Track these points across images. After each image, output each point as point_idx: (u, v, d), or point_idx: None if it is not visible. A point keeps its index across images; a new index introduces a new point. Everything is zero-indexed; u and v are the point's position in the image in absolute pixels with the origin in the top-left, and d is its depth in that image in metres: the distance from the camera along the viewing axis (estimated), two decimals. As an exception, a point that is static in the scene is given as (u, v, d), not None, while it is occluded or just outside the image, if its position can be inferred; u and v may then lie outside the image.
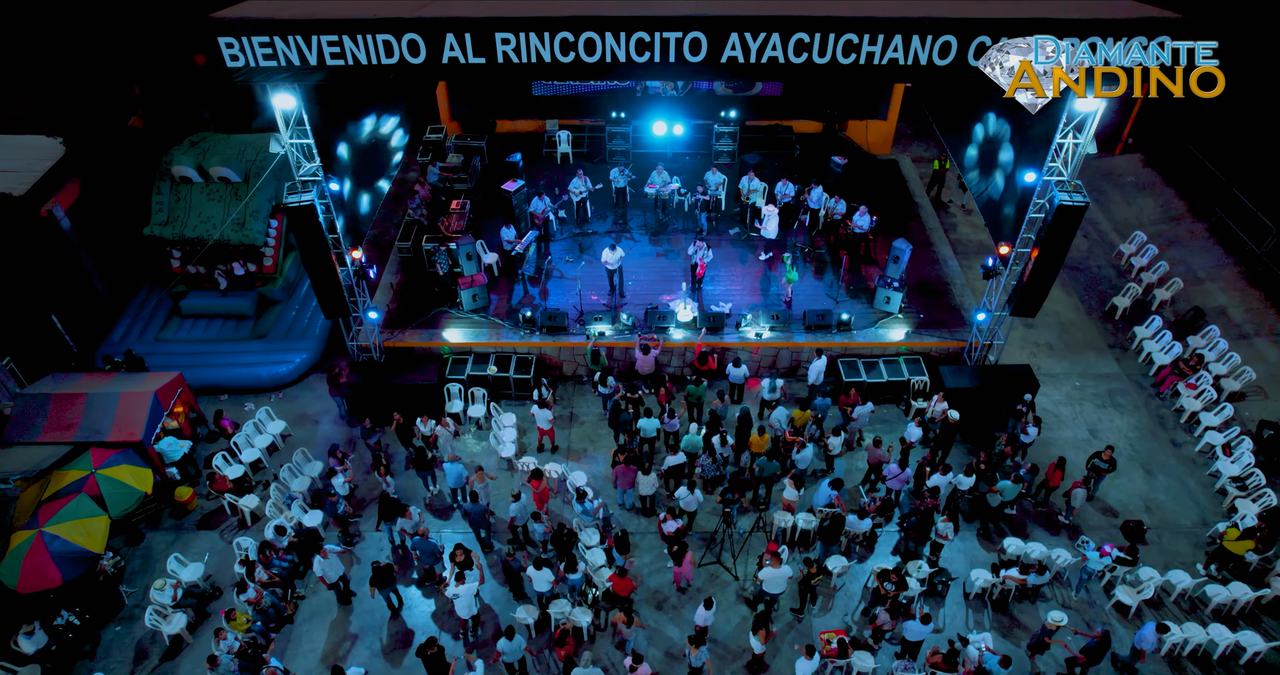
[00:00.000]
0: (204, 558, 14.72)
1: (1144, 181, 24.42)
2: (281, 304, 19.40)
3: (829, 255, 20.15)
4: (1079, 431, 17.32)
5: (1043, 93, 11.53)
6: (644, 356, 17.16)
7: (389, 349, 17.78)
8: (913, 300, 18.86)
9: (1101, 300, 20.62)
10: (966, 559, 15.03)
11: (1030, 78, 11.34)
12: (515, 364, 17.67)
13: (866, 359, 17.94)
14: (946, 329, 18.27)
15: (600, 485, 15.99)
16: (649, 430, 15.95)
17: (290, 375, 18.12)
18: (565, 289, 19.05)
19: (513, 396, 17.85)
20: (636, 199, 21.44)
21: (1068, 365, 18.86)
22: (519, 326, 18.04)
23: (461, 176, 21.34)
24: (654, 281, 19.21)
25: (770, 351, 18.05)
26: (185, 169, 18.35)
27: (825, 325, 17.97)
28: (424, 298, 18.78)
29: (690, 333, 17.94)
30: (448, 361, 17.68)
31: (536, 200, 19.46)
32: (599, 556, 14.36)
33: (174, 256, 18.90)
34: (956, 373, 17.17)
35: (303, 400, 18.05)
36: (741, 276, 19.55)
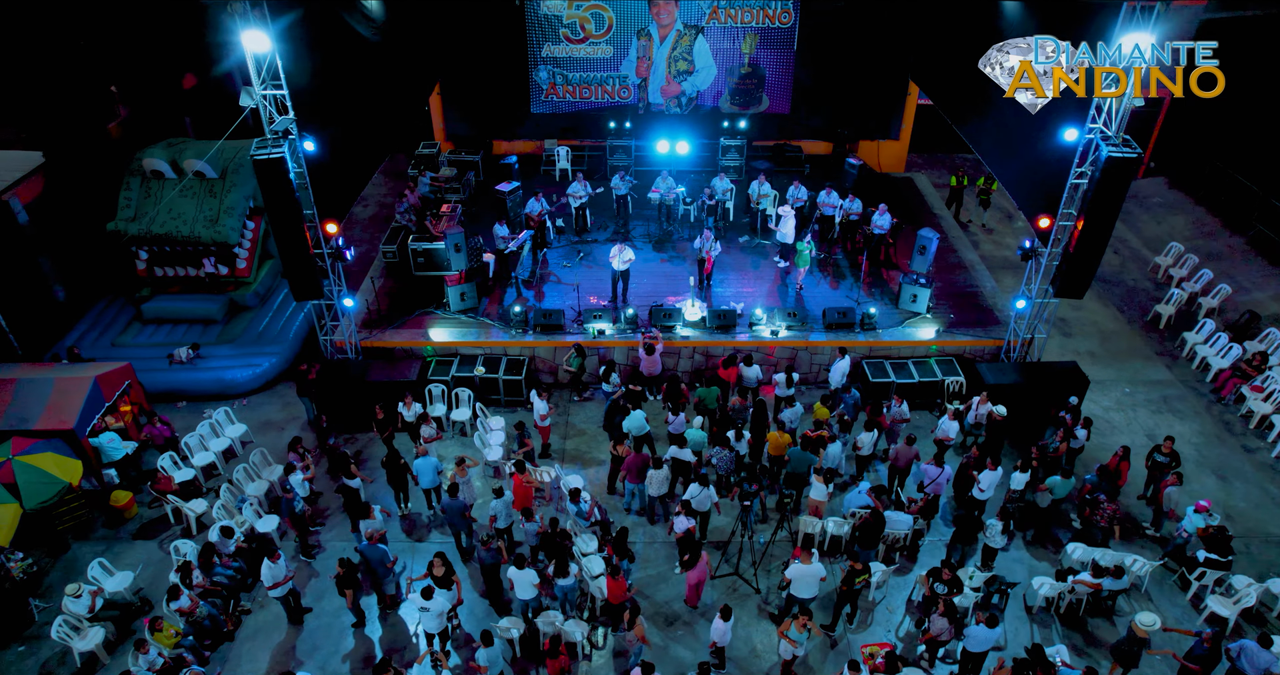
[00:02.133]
0: (137, 569, 12.62)
1: (1171, 202, 23.31)
2: (254, 310, 17.85)
3: (846, 261, 18.72)
4: (1136, 437, 15.42)
5: (1043, 93, 11.54)
6: (648, 356, 15.46)
7: (367, 349, 16.11)
8: (941, 301, 17.30)
9: (1142, 310, 19.10)
10: (1024, 569, 12.90)
11: (1030, 77, 11.29)
12: (505, 366, 15.96)
13: (895, 360, 16.23)
14: (980, 328, 16.65)
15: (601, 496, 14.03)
16: (637, 426, 14.01)
17: (256, 380, 16.38)
18: (562, 292, 17.54)
19: (501, 403, 16.05)
20: (639, 209, 20.22)
21: (1114, 372, 17.12)
22: (510, 326, 16.42)
23: (454, 186, 20.21)
24: (658, 286, 17.70)
25: (787, 353, 16.35)
26: (158, 163, 17.19)
27: (847, 323, 16.35)
28: (408, 302, 17.24)
29: (700, 332, 16.31)
30: (431, 364, 15.98)
31: (533, 201, 18.19)
32: (597, 564, 12.26)
33: (140, 258, 17.49)
34: (997, 370, 15.44)
35: (269, 407, 16.23)
36: (754, 281, 18.06)
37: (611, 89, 22.17)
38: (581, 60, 21.70)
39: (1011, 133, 15.41)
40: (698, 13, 21.00)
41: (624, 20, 21.06)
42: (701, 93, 22.28)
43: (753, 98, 22.37)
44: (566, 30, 21.20)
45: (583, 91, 22.19)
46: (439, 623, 11.05)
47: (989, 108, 16.26)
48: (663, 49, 21.52)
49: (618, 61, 21.71)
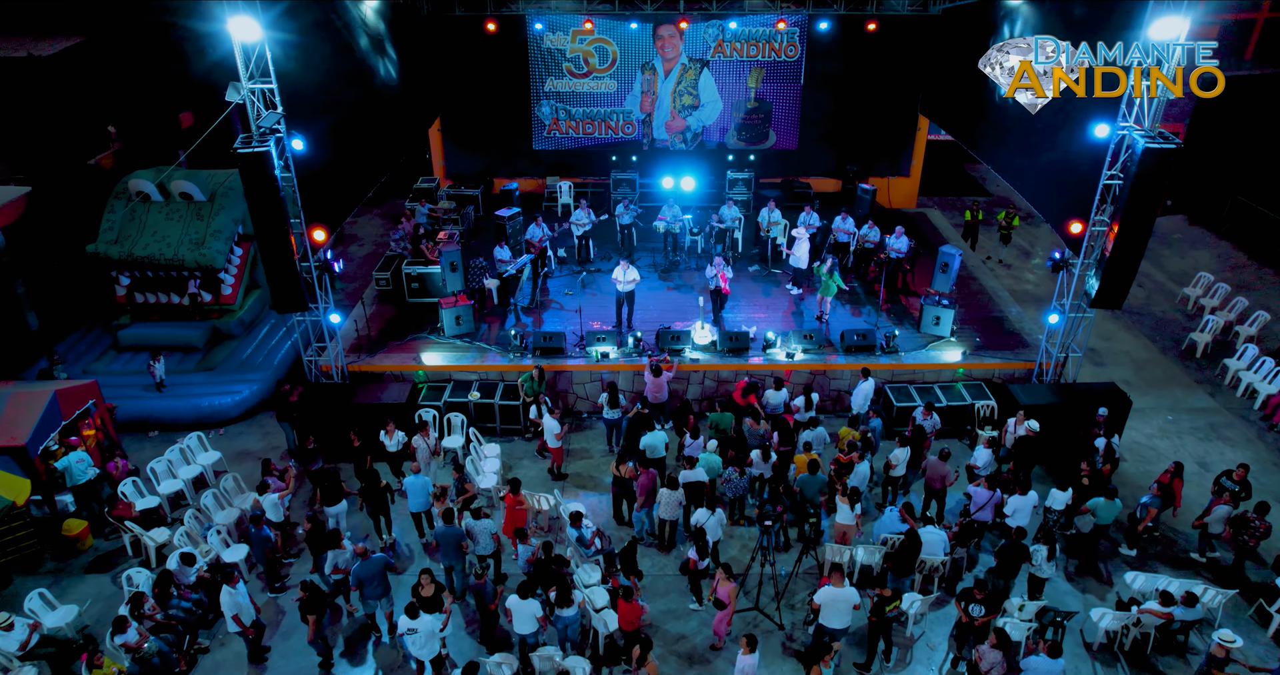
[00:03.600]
0: (84, 604, 11.26)
1: (1193, 238, 22.63)
2: (238, 339, 16.88)
3: (862, 289, 17.84)
4: (1185, 464, 14.15)
5: (1043, 93, 11.38)
6: (655, 379, 14.39)
7: (354, 373, 15.06)
8: (965, 325, 16.34)
9: (1174, 340, 18.10)
10: (1076, 602, 11.52)
11: (1030, 77, 11.12)
12: (502, 391, 14.88)
13: (920, 384, 15.15)
14: (1009, 351, 15.63)
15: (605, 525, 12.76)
16: (656, 446, 12.89)
17: (235, 408, 15.27)
18: (564, 318, 16.61)
19: (498, 431, 14.91)
20: (644, 240, 19.49)
21: (1153, 400, 16.00)
22: (508, 350, 15.42)
23: (453, 217, 19.55)
24: (665, 312, 16.77)
25: (803, 378, 15.28)
26: (144, 184, 16.55)
27: (868, 346, 15.34)
28: (401, 327, 16.30)
29: (710, 356, 15.29)
30: (422, 389, 14.92)
31: (534, 227, 17.45)
32: (600, 596, 10.91)
33: (120, 283, 16.65)
34: (1031, 390, 14.34)
35: (247, 437, 15.08)
36: (766, 307, 17.15)
37: (615, 124, 21.79)
38: (585, 95, 21.39)
39: (1034, 142, 14.77)
40: (703, 46, 20.78)
41: (628, 54, 20.82)
42: (707, 128, 21.88)
43: (759, 133, 21.96)
44: (569, 64, 20.95)
45: (586, 127, 21.80)
46: (431, 646, 9.67)
47: (1007, 123, 15.73)
48: (667, 83, 21.23)
49: (621, 96, 21.39)
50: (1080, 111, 13.06)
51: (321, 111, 13.64)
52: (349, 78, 14.69)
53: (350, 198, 15.03)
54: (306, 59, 13.06)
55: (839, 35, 20.37)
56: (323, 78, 13.72)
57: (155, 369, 15.04)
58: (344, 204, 14.73)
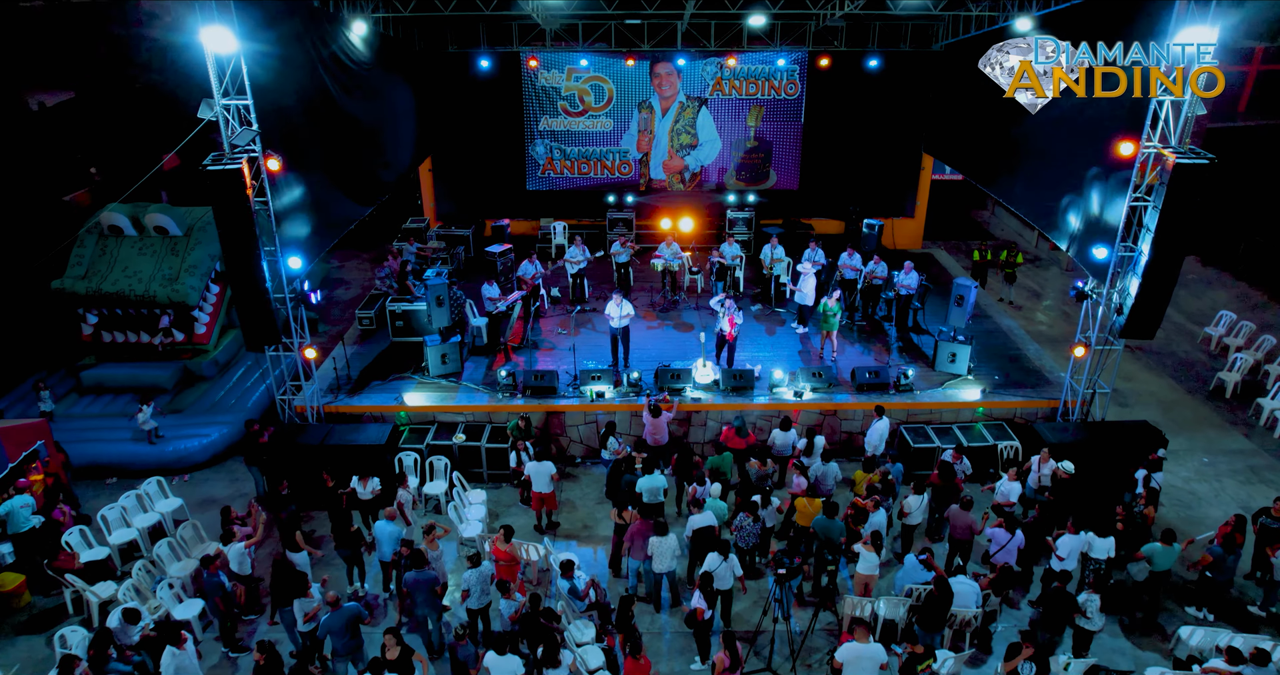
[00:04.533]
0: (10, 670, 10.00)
1: (1208, 278, 21.93)
2: (211, 381, 15.90)
3: (869, 326, 16.98)
4: (1228, 509, 13.09)
5: (1043, 93, 11.31)
6: (654, 420, 13.36)
7: (331, 414, 14.04)
8: (982, 363, 15.43)
9: (1200, 380, 17.18)
10: (1128, 660, 10.33)
11: (1030, 77, 11.06)
12: (489, 434, 13.85)
13: (938, 425, 14.16)
14: (1030, 388, 14.68)
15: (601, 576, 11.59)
16: (653, 492, 11.81)
17: (202, 453, 14.18)
18: (556, 357, 15.67)
19: (484, 477, 13.82)
20: (641, 280, 18.70)
21: (1185, 442, 14.97)
22: (498, 389, 14.43)
23: (442, 256, 18.79)
24: (664, 351, 15.84)
25: (813, 419, 14.28)
26: (117, 218, 15.79)
27: (880, 384, 14.39)
28: (383, 367, 15.34)
29: (713, 395, 14.32)
30: (403, 431, 13.88)
31: (526, 264, 16.69)
32: (594, 656, 9.71)
33: (87, 321, 15.73)
34: (1057, 430, 13.36)
35: (214, 483, 13.96)
36: (771, 345, 16.24)
37: (611, 164, 21.25)
38: (580, 134, 20.89)
39: (1051, 169, 14.13)
40: (701, 84, 20.38)
41: (624, 92, 20.40)
42: (706, 168, 21.34)
43: (759, 173, 21.41)
44: (565, 102, 20.50)
45: (581, 167, 21.25)
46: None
47: (1021, 154, 15.16)
48: (665, 122, 20.76)
49: (618, 135, 20.90)
50: (1102, 133, 12.41)
51: (302, 134, 12.96)
52: (333, 103, 14.05)
53: (331, 228, 14.23)
54: (287, 78, 12.42)
55: (841, 72, 19.99)
56: (304, 99, 13.07)
57: (142, 415, 13.93)
58: (324, 233, 13.91)
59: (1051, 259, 23.57)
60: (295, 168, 12.51)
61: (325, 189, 13.80)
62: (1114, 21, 11.95)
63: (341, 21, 14.59)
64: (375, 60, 16.17)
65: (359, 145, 15.26)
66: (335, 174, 14.22)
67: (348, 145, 14.73)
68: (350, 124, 14.78)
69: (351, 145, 14.90)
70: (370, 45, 15.94)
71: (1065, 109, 13.32)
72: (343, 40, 14.63)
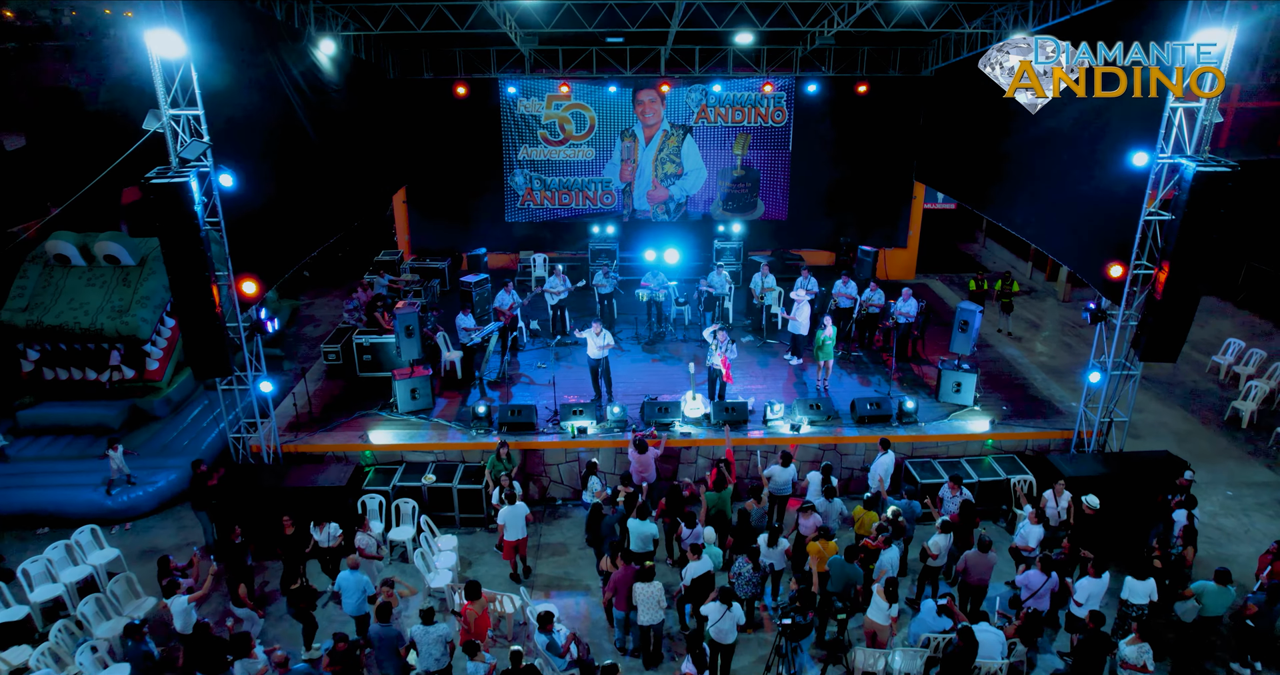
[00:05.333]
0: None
1: (1210, 307, 21.29)
2: (163, 421, 14.74)
3: (866, 357, 16.12)
4: (1259, 545, 12.11)
5: (1043, 93, 10.91)
6: (640, 456, 12.31)
7: (290, 454, 12.91)
8: (988, 392, 14.55)
9: (1214, 410, 16.37)
10: (1178, 719, 9.25)
11: (1030, 77, 10.75)
12: (461, 474, 12.75)
13: (945, 459, 13.20)
14: (1041, 418, 13.79)
15: (587, 631, 10.45)
16: (643, 539, 10.72)
17: (149, 501, 12.96)
18: (535, 393, 14.65)
19: (456, 521, 12.68)
20: (626, 312, 17.80)
21: (1205, 475, 14.06)
22: (470, 426, 13.37)
23: (416, 288, 17.84)
24: (650, 384, 14.85)
25: (810, 455, 13.30)
26: (64, 246, 14.78)
27: (882, 415, 13.46)
28: (349, 404, 14.26)
29: (703, 430, 13.32)
30: (368, 472, 12.77)
31: (503, 294, 15.76)
32: (577, 722, 8.54)
33: (28, 357, 14.59)
34: (1074, 461, 12.44)
35: (159, 531, 12.72)
36: (764, 378, 15.30)
37: (593, 194, 20.52)
38: (561, 163, 20.20)
39: (1056, 187, 13.45)
40: (686, 111, 19.80)
41: (607, 120, 19.78)
42: (691, 198, 20.65)
43: (747, 203, 20.74)
44: (545, 131, 19.84)
45: (562, 197, 20.51)
46: None
47: (1023, 174, 14.54)
48: (649, 150, 20.12)
49: (600, 164, 20.21)
50: (1109, 146, 11.79)
51: (261, 151, 12.09)
52: (297, 122, 13.24)
53: (292, 252, 13.28)
54: (245, 91, 11.61)
55: (828, 99, 19.49)
56: (264, 116, 12.25)
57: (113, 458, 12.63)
58: (283, 257, 12.95)
59: (1047, 290, 22.94)
60: (253, 187, 11.60)
61: (286, 212, 12.88)
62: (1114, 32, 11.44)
63: (308, 38, 13.88)
64: (345, 83, 15.46)
65: (324, 168, 14.40)
66: (297, 196, 13.32)
67: (312, 167, 13.88)
68: (315, 146, 13.95)
69: (316, 168, 14.04)
70: (340, 66, 15.25)
71: (1069, 124, 12.76)
72: (309, 58, 13.91)
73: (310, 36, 13.98)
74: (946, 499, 11.51)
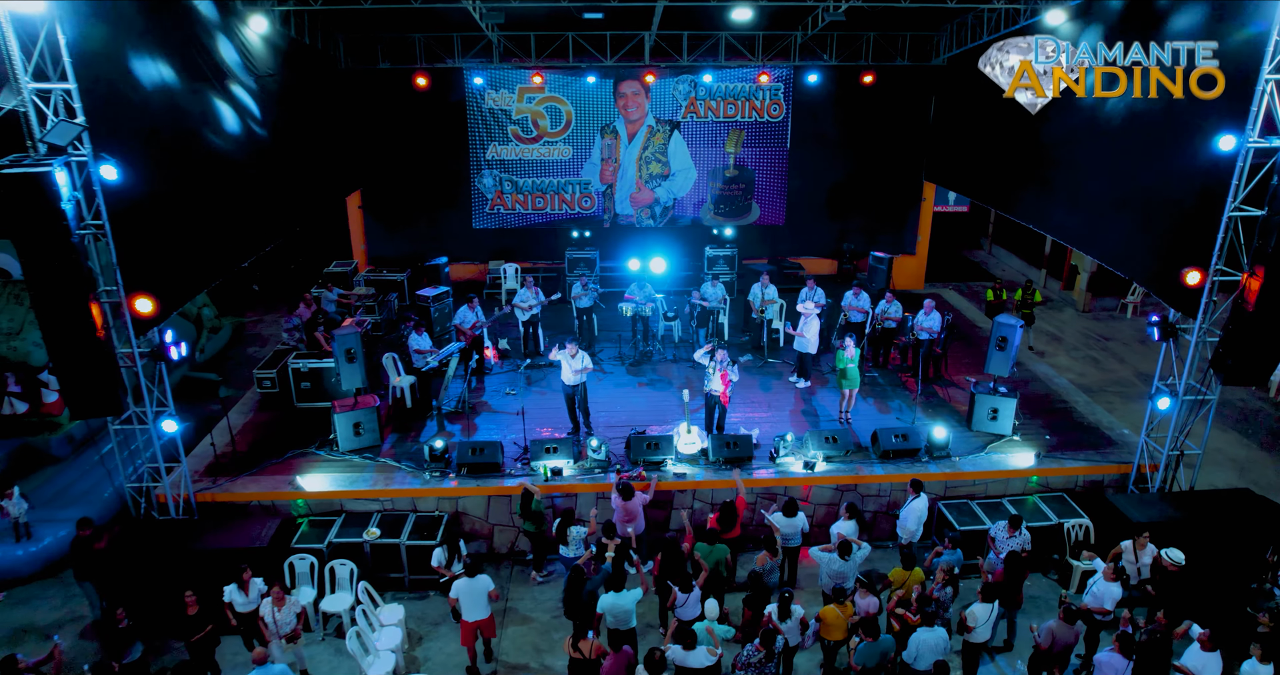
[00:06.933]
0: None
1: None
2: (62, 464, 12.54)
3: (883, 378, 14.17)
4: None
5: (1043, 92, 11.02)
6: (625, 503, 10.25)
7: (205, 506, 10.74)
8: (1028, 419, 12.63)
9: (1271, 433, 14.57)
10: None
11: (1030, 77, 10.79)
12: (412, 527, 10.63)
13: (984, 500, 11.23)
14: (1092, 450, 11.86)
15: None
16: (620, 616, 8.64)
17: (30, 562, 10.74)
18: (502, 425, 12.57)
19: (405, 583, 10.55)
20: (608, 328, 15.79)
21: None
22: (424, 466, 11.26)
23: (369, 303, 15.75)
24: (636, 414, 12.82)
25: (825, 497, 11.30)
26: (-56, 259, 12.59)
27: (909, 450, 11.48)
28: (281, 441, 12.10)
29: (700, 469, 11.28)
30: (300, 524, 10.62)
31: (465, 310, 13.71)
32: None
33: (-101, 389, 12.36)
34: (1140, 503, 10.51)
35: (39, 603, 10.47)
36: (768, 405, 13.30)
37: (571, 198, 18.52)
38: (534, 163, 18.21)
39: (1102, 184, 11.58)
40: (673, 105, 17.88)
41: (585, 115, 17.82)
42: (679, 201, 18.71)
43: (740, 206, 18.82)
44: (516, 127, 17.84)
45: (536, 201, 18.50)
46: None
47: (1062, 167, 12.68)
48: (632, 148, 18.16)
49: (578, 164, 18.23)
50: (1179, 130, 9.94)
51: (162, 140, 9.99)
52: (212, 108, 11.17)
53: (208, 263, 11.13)
54: (137, 65, 9.50)
55: (830, 91, 17.63)
56: (167, 97, 10.12)
57: (11, 502, 10.51)
58: (194, 269, 10.78)
59: (1064, 300, 21.16)
60: (150, 183, 9.52)
61: (198, 214, 10.74)
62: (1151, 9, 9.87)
63: (232, 12, 11.82)
64: (282, 68, 13.41)
65: (253, 166, 12.30)
66: (214, 197, 11.19)
67: (234, 163, 11.77)
68: (239, 139, 11.87)
69: (241, 164, 11.94)
70: (275, 48, 13.22)
71: (1122, 109, 10.93)
72: (234, 33, 11.83)
73: (235, 10, 11.93)
74: (1000, 539, 9.54)
